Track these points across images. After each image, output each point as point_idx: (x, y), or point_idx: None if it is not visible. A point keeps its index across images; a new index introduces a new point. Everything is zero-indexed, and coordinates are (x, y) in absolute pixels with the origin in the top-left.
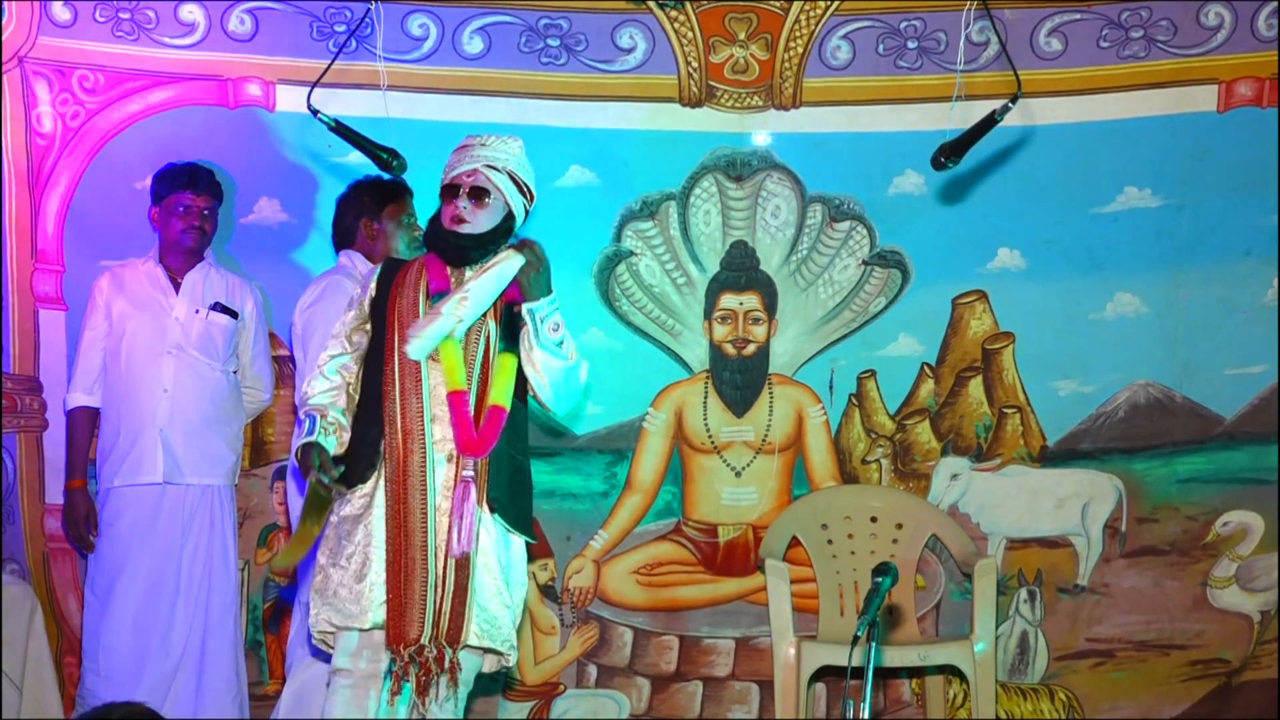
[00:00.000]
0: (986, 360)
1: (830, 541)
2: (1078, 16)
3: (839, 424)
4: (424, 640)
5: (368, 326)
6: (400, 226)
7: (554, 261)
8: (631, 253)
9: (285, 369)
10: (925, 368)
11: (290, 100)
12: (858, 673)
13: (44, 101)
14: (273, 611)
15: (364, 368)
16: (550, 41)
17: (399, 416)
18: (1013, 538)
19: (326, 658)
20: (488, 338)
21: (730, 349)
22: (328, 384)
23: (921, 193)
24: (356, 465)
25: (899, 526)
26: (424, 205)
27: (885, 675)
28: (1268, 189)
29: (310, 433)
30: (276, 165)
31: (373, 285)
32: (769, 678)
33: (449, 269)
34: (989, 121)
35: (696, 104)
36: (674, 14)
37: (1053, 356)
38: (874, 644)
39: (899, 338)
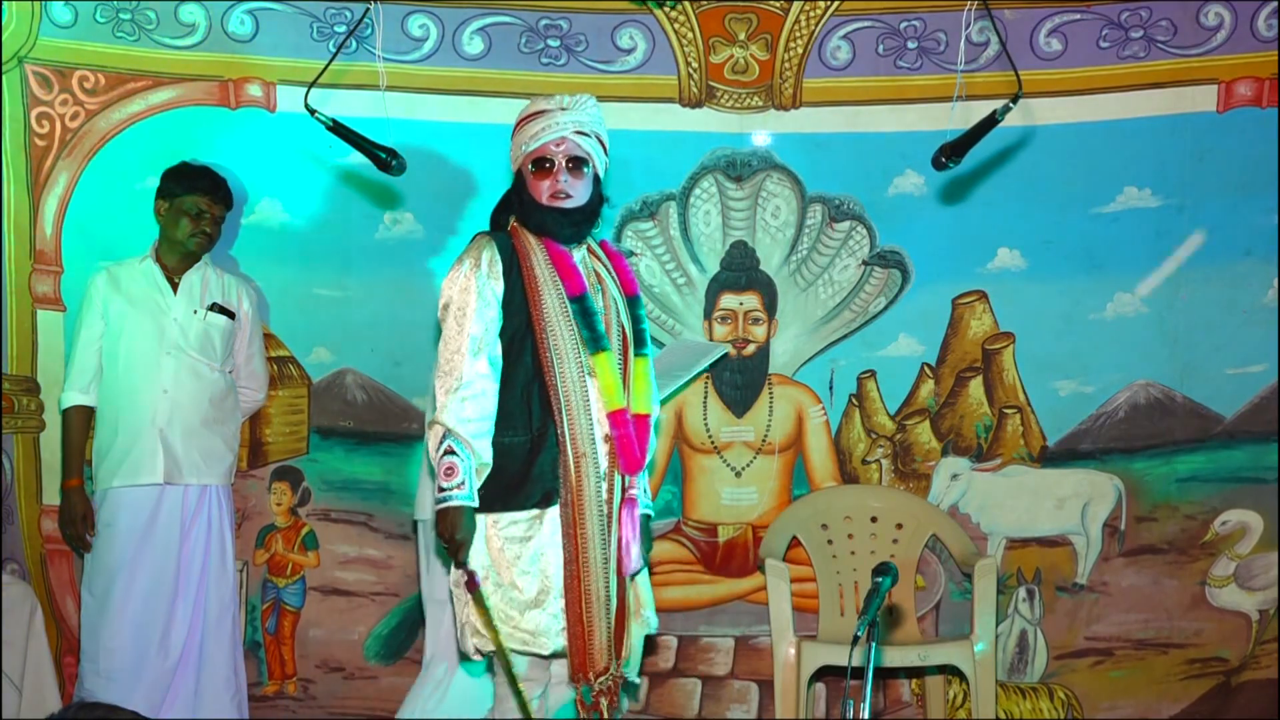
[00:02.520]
0: (986, 360)
1: (830, 541)
2: (1077, 16)
3: (839, 424)
4: (611, 668)
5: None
6: None
7: None
8: (632, 253)
9: (286, 369)
10: (925, 368)
11: (291, 101)
12: (858, 673)
13: (44, 102)
14: (271, 612)
15: (510, 379)
16: (550, 42)
17: (570, 439)
18: (1013, 538)
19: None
20: (624, 340)
21: (730, 349)
22: (481, 408)
23: (921, 193)
24: (530, 491)
25: (899, 526)
26: (423, 205)
27: (885, 675)
28: (1268, 189)
29: (465, 488)
30: (278, 166)
31: (501, 279)
32: (768, 677)
33: (571, 256)
34: (989, 121)
35: (696, 104)
36: (674, 14)
37: (1053, 356)
38: (874, 644)
39: (899, 338)
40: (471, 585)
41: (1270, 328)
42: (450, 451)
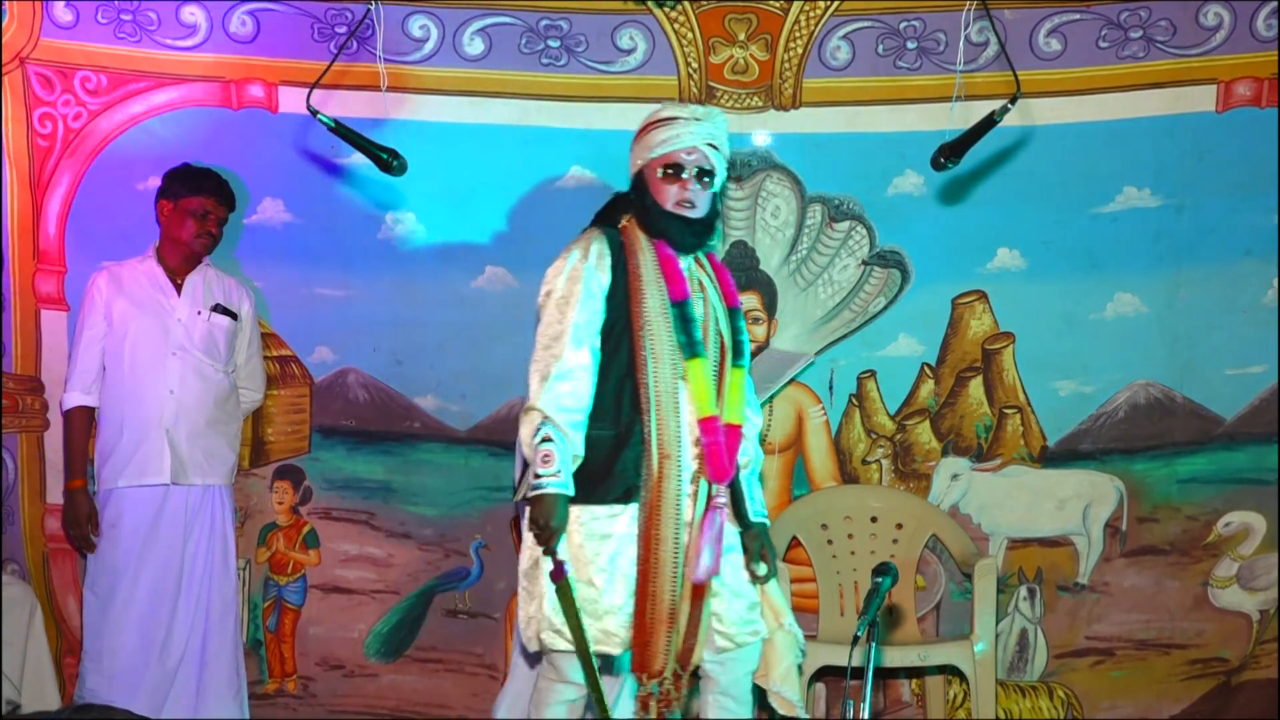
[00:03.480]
0: (986, 360)
1: (830, 541)
2: (1077, 17)
3: (839, 424)
4: (666, 671)
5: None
6: None
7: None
8: None
9: (288, 368)
10: (925, 368)
11: (292, 102)
12: (858, 673)
13: (46, 102)
14: (273, 610)
15: (605, 373)
16: (550, 42)
17: (657, 440)
18: (1014, 538)
19: (538, 658)
20: (722, 350)
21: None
22: (578, 398)
23: (921, 193)
24: (611, 486)
25: (899, 526)
26: (425, 206)
27: (885, 675)
28: (1267, 189)
29: (561, 476)
30: (280, 166)
31: (608, 273)
32: None
33: (679, 262)
34: (989, 122)
35: (696, 104)
36: (673, 14)
37: (1053, 356)
38: (874, 644)
39: (899, 338)
40: (558, 575)
41: (1270, 328)
42: (548, 439)
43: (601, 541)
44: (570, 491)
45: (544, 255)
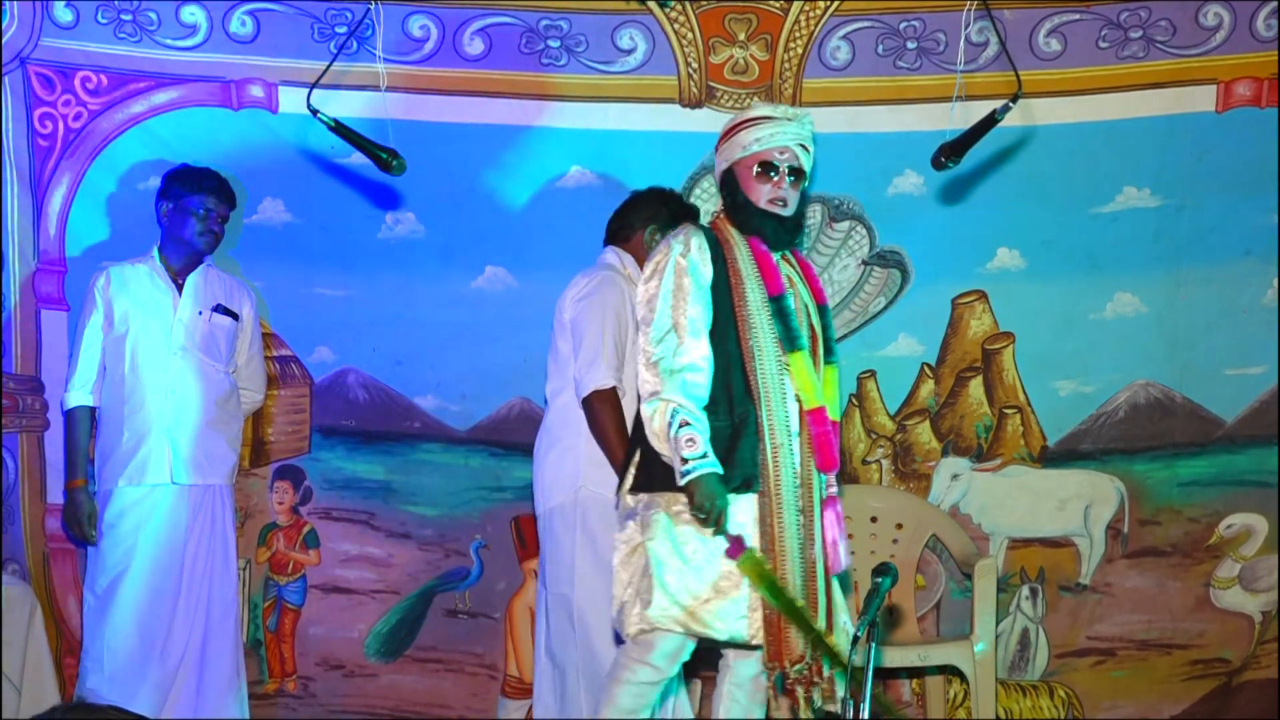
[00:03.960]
0: (986, 360)
1: None
2: (1077, 17)
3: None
4: (808, 656)
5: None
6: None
7: (555, 262)
8: None
9: (288, 368)
10: (925, 368)
11: (293, 101)
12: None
13: (46, 102)
14: (273, 610)
15: (713, 365)
16: (550, 43)
17: (769, 431)
18: (1015, 538)
19: (619, 639)
20: (815, 346)
21: None
22: (703, 387)
23: (921, 193)
24: (730, 475)
25: (899, 526)
26: (425, 205)
27: (885, 675)
28: (1267, 189)
29: (710, 456)
30: (280, 166)
31: (710, 266)
32: None
33: (773, 259)
34: (989, 121)
35: (696, 105)
36: (674, 14)
37: (1053, 356)
38: (874, 644)
39: (899, 338)
40: (736, 551)
41: (1270, 328)
42: (686, 423)
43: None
44: (720, 470)
45: (544, 255)
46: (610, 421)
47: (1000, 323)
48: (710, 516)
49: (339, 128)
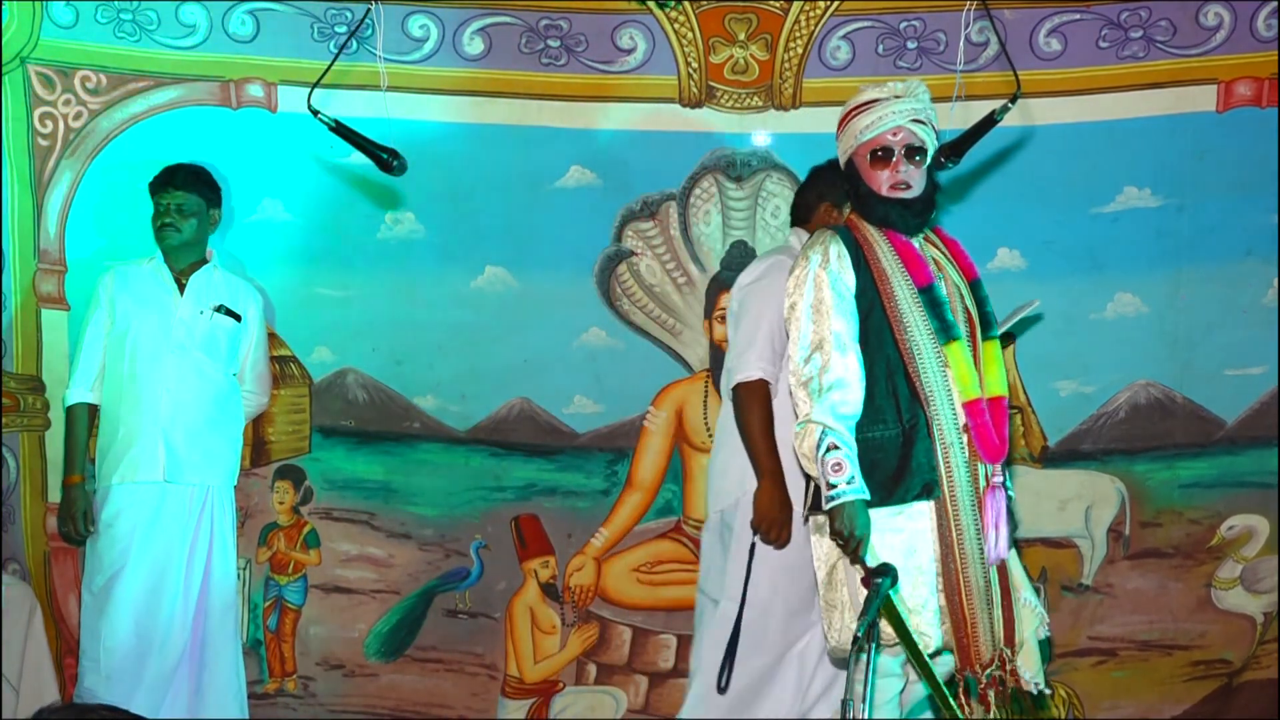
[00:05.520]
0: None
1: None
2: (1077, 17)
3: None
4: (996, 659)
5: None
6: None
7: (555, 261)
8: (632, 252)
9: (287, 369)
10: None
11: (292, 101)
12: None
13: (46, 102)
14: (273, 610)
15: (872, 373)
16: (550, 42)
17: (939, 431)
18: (1016, 538)
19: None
20: (971, 326)
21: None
22: (853, 405)
23: None
24: (910, 484)
25: None
26: (425, 205)
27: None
28: (1267, 189)
29: (857, 482)
30: (280, 166)
31: (851, 272)
32: None
33: (915, 247)
34: (989, 121)
35: (696, 104)
36: (674, 14)
37: (1053, 356)
38: (874, 644)
39: None
40: (868, 582)
41: (1270, 328)
42: (834, 447)
43: (895, 536)
44: (867, 496)
45: (544, 255)
46: (755, 416)
47: None
48: (849, 544)
49: (339, 128)
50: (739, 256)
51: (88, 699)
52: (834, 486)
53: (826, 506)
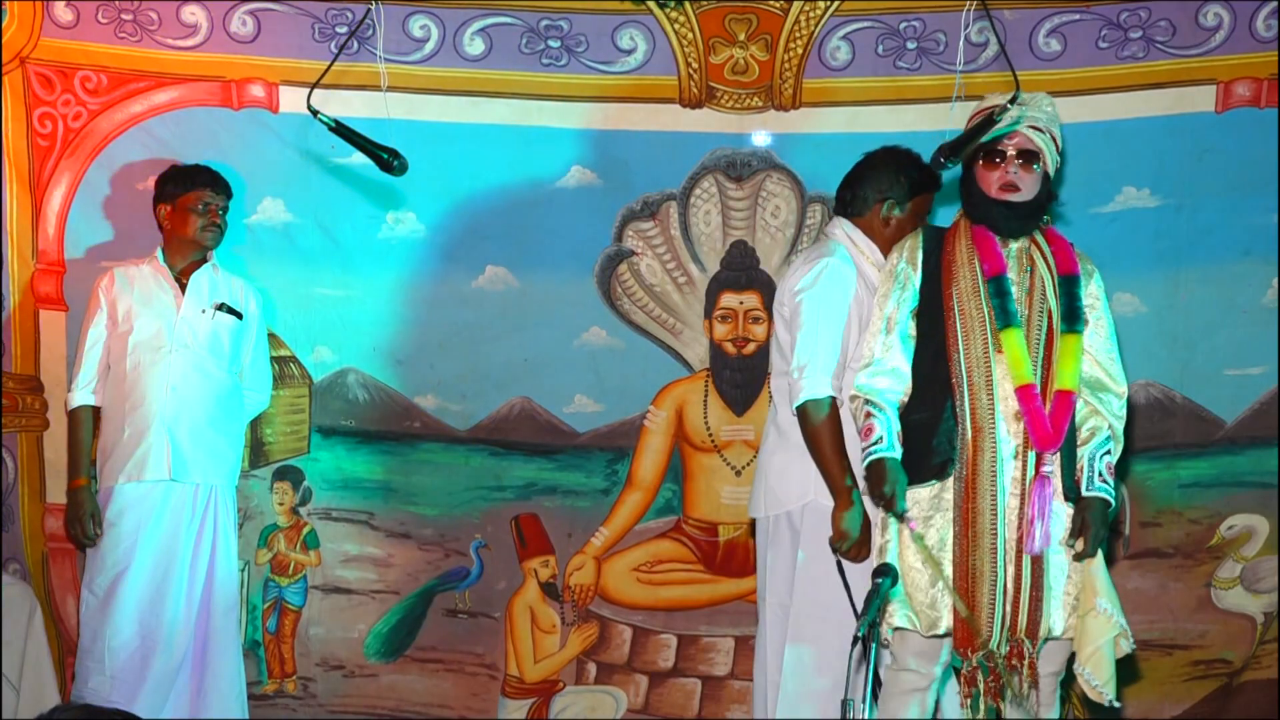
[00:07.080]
0: None
1: None
2: (1077, 17)
3: None
4: (993, 645)
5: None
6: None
7: (556, 261)
8: (633, 252)
9: (287, 369)
10: None
11: (293, 101)
12: None
13: (46, 102)
14: (272, 611)
15: (921, 359)
16: (551, 43)
17: (970, 413)
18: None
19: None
20: (1050, 318)
21: (730, 348)
22: (892, 381)
23: None
24: (928, 463)
25: None
26: (425, 205)
27: None
28: (1267, 189)
29: (884, 441)
30: (280, 166)
31: (919, 263)
32: None
33: (997, 241)
34: (987, 122)
35: (696, 104)
36: (674, 15)
37: None
38: (874, 644)
39: None
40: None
41: (1270, 328)
42: (868, 415)
43: (924, 524)
44: (896, 454)
45: (545, 255)
46: (826, 434)
47: None
48: (885, 500)
49: (339, 128)
50: (739, 256)
51: (91, 699)
52: (866, 451)
53: (862, 469)
